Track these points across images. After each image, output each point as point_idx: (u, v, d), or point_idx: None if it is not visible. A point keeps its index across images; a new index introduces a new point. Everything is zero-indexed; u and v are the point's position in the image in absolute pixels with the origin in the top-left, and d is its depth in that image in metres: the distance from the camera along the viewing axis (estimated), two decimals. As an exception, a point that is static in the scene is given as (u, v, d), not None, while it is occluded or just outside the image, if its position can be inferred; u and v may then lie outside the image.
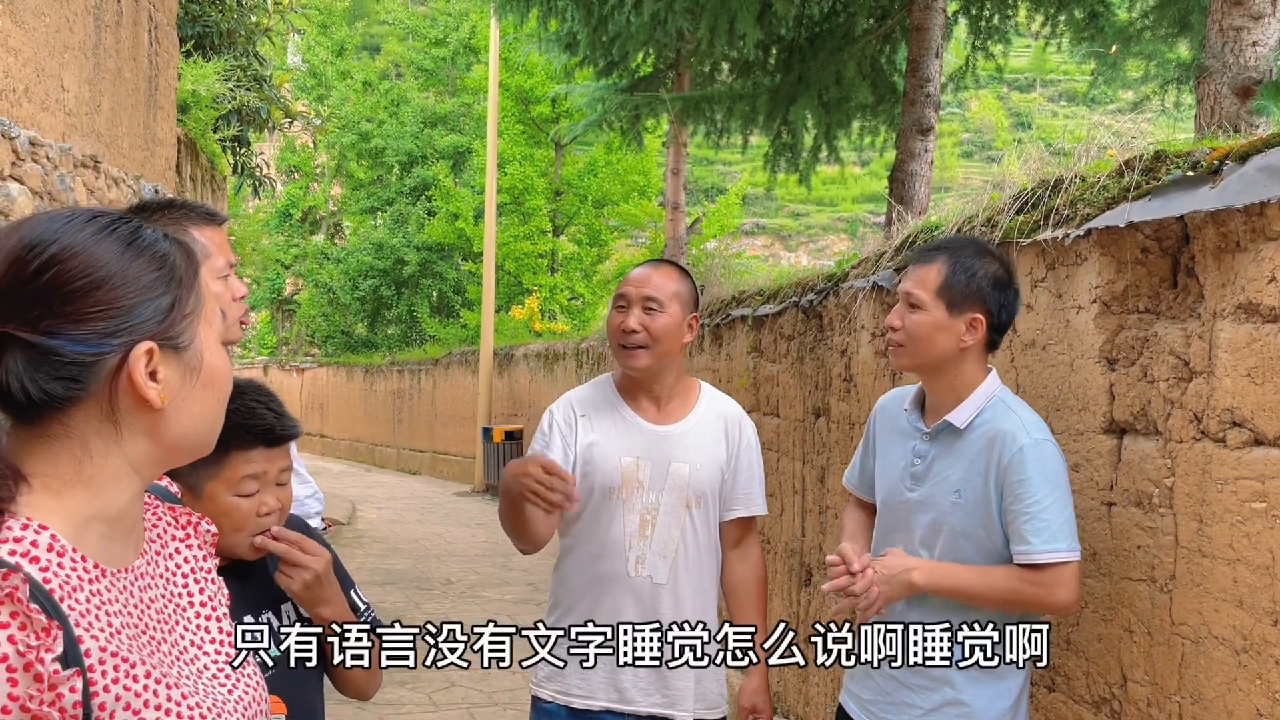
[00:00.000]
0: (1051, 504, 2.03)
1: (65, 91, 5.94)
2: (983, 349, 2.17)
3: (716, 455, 2.49)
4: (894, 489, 2.27)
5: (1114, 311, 2.31)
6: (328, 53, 27.15)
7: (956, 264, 2.14)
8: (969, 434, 2.14)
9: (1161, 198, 2.16)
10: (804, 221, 42.58)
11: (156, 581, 1.11)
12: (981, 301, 2.12)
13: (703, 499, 2.47)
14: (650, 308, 2.43)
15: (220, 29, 12.17)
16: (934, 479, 2.18)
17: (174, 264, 1.06)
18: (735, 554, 2.55)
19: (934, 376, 2.20)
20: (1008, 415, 2.12)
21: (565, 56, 11.33)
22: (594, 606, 2.45)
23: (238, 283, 2.02)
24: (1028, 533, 2.03)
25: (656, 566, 2.43)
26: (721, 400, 2.59)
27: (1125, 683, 2.25)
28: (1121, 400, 2.28)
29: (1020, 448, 2.05)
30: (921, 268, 2.18)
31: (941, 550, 2.15)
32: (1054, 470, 2.06)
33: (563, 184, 19.76)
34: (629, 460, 2.46)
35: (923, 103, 7.77)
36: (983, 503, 2.10)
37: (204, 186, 10.87)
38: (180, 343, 1.04)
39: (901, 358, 2.21)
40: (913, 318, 2.15)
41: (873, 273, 3.52)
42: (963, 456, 2.13)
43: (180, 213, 1.98)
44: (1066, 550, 2.02)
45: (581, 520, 2.50)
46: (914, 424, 2.26)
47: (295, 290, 28.44)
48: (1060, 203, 2.50)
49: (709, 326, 5.69)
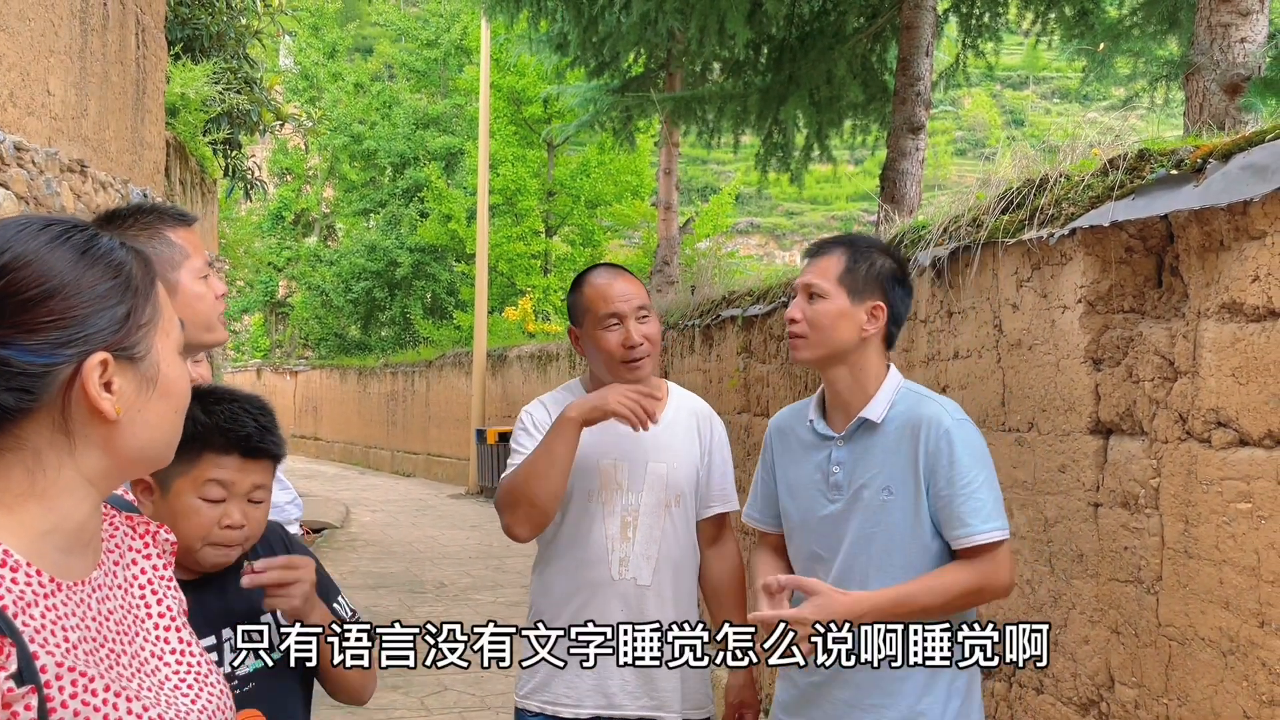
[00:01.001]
0: (984, 482, 2.00)
1: (51, 96, 5.91)
2: (881, 343, 2.15)
3: (691, 453, 2.49)
4: (810, 506, 2.17)
5: (1099, 311, 2.30)
6: (319, 55, 27.10)
7: (856, 253, 2.15)
8: (886, 427, 2.09)
9: (1145, 197, 2.15)
10: (798, 220, 42.59)
11: (115, 593, 1.10)
12: (882, 291, 2.12)
13: (681, 498, 2.46)
14: (643, 317, 2.45)
15: (210, 32, 12.13)
16: (858, 483, 2.10)
17: (130, 273, 1.04)
18: (713, 551, 2.53)
19: (837, 370, 2.14)
20: (924, 402, 2.10)
21: (556, 57, 11.32)
22: (579, 613, 2.43)
23: (218, 281, 2.00)
24: (966, 514, 1.99)
25: (640, 568, 2.42)
26: (690, 398, 2.59)
27: (1113, 684, 2.24)
28: (1107, 400, 2.27)
29: (945, 429, 2.02)
30: (820, 259, 2.17)
31: (879, 557, 2.06)
32: (980, 449, 2.04)
33: (555, 184, 19.74)
34: (606, 462, 2.45)
35: (913, 101, 7.76)
36: (913, 494, 2.05)
37: (193, 190, 10.83)
38: (136, 353, 1.02)
39: (803, 350, 2.16)
40: (814, 307, 2.13)
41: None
42: (885, 451, 2.08)
43: (153, 216, 1.96)
44: (1001, 528, 2.00)
45: (562, 526, 2.49)
46: (822, 432, 2.18)
47: (288, 293, 28.39)
48: (1045, 202, 2.49)
49: (699, 327, 5.68)
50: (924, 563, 2.04)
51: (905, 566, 2.04)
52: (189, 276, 1.92)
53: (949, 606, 1.99)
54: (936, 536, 2.04)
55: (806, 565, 2.17)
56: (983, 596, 2.03)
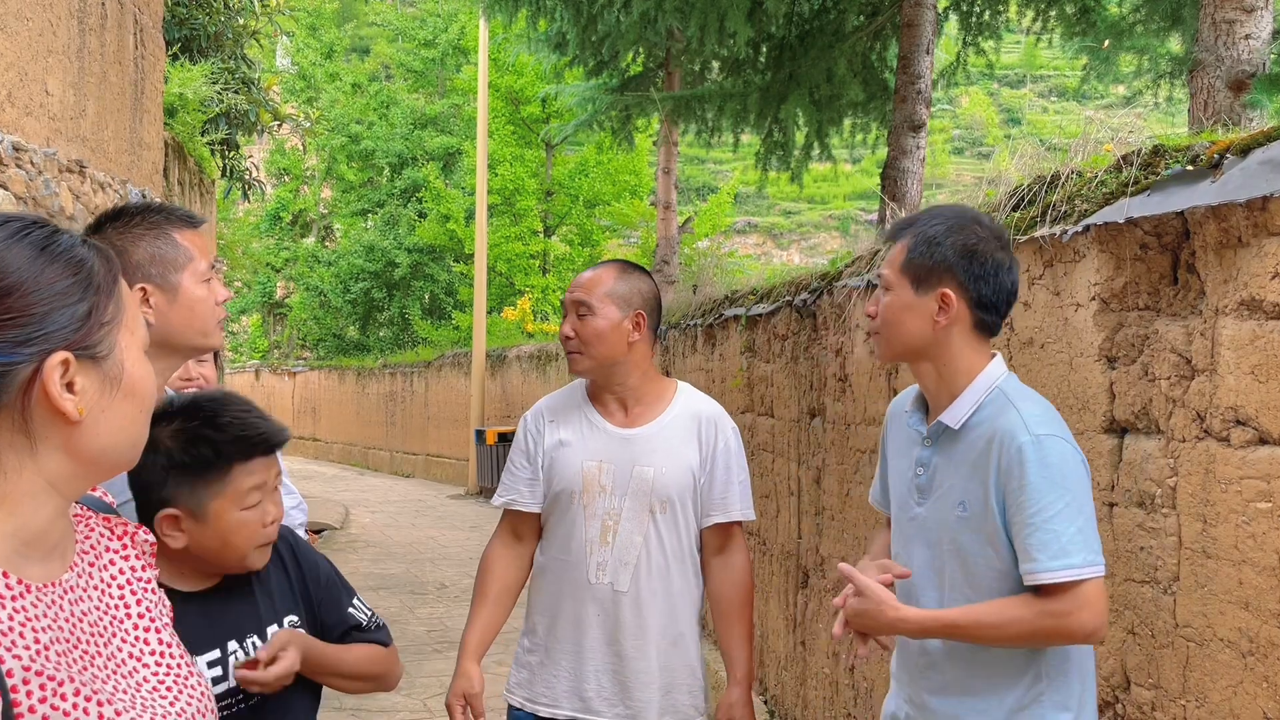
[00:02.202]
0: (1060, 511, 1.74)
1: (49, 96, 5.88)
2: (971, 332, 1.91)
3: (686, 458, 2.41)
4: (903, 504, 2.03)
5: (1113, 309, 2.28)
6: (317, 55, 27.05)
7: (919, 236, 1.92)
8: (966, 435, 1.88)
9: (1161, 193, 2.12)
10: (795, 220, 42.58)
11: (90, 594, 1.07)
12: (950, 273, 1.88)
13: (669, 504, 2.39)
14: (581, 312, 2.40)
15: (207, 32, 12.10)
16: (938, 491, 1.92)
17: (91, 270, 1.00)
18: (717, 562, 2.47)
19: (920, 367, 1.95)
20: (1006, 410, 1.84)
21: (555, 56, 11.29)
22: (558, 615, 2.42)
23: (220, 286, 1.98)
24: (1032, 547, 1.75)
25: (618, 574, 2.38)
26: (699, 401, 2.50)
27: (1129, 686, 2.22)
28: (1122, 399, 2.25)
29: (1019, 447, 1.77)
30: (892, 247, 1.99)
31: (952, 576, 1.88)
32: (1061, 470, 1.76)
33: (554, 184, 19.71)
34: (591, 464, 2.41)
35: (914, 99, 7.74)
36: (987, 516, 1.83)
37: (192, 190, 10.79)
38: (98, 352, 0.99)
39: (879, 348, 2.00)
40: (884, 301, 1.96)
41: (867, 270, 3.48)
42: (963, 463, 1.87)
43: (160, 216, 1.94)
44: (1081, 565, 1.73)
45: (549, 528, 2.48)
46: (915, 427, 2.01)
47: (286, 294, 28.34)
48: (1057, 199, 2.46)
49: (701, 326, 5.65)
50: (1003, 589, 1.83)
51: (976, 589, 1.85)
52: (191, 279, 1.90)
53: (1012, 642, 1.82)
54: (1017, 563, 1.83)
55: (899, 556, 2.06)
56: (1053, 640, 1.80)
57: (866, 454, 3.55)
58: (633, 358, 2.42)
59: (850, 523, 3.69)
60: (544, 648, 2.44)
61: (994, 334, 1.98)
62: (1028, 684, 1.86)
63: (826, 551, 3.92)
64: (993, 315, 1.93)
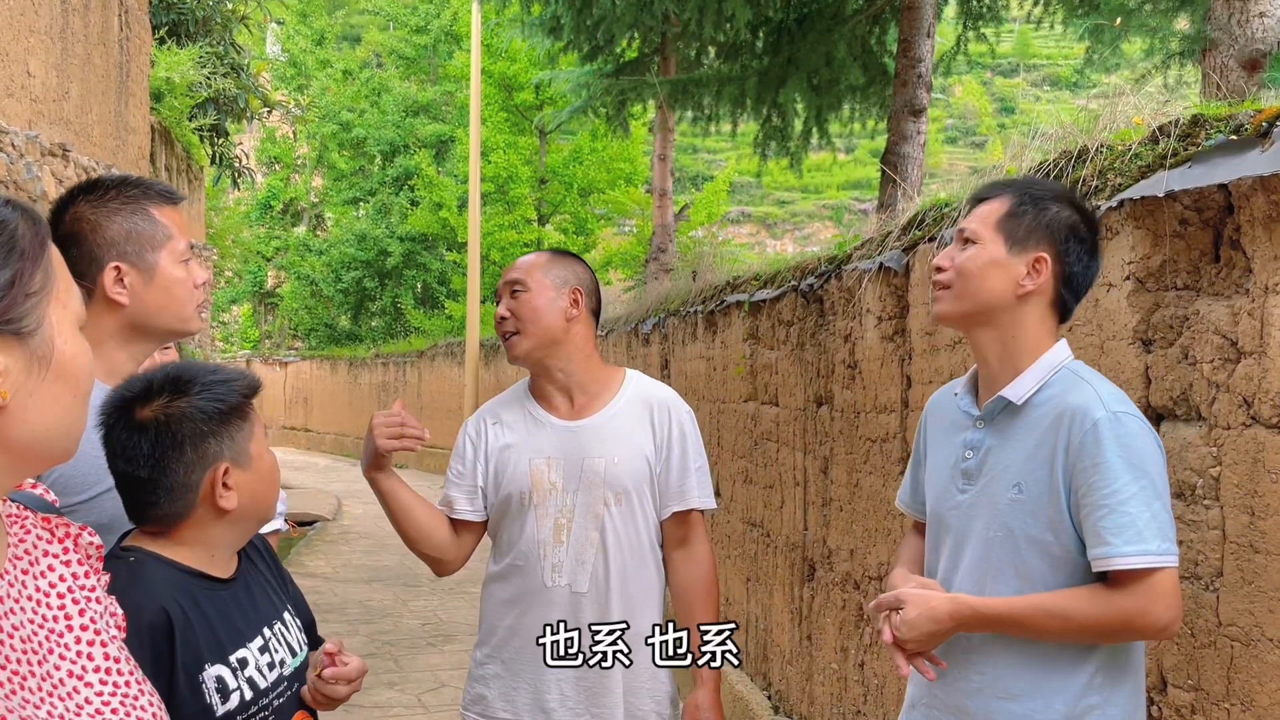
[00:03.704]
0: (1136, 493, 1.62)
1: (31, 77, 5.71)
2: (1049, 309, 1.80)
3: (640, 446, 2.30)
4: (943, 493, 1.90)
5: (1149, 289, 2.15)
6: (307, 42, 26.80)
7: (1025, 196, 1.80)
8: (1029, 413, 1.76)
9: (1203, 164, 1.99)
10: (789, 209, 42.47)
11: (23, 605, 0.95)
12: (1050, 240, 1.77)
13: (624, 495, 2.27)
14: (516, 290, 2.32)
15: (195, 16, 11.92)
16: (989, 473, 1.79)
17: (14, 233, 0.87)
18: (678, 554, 2.36)
19: (985, 334, 1.82)
20: (1078, 386, 1.72)
21: (549, 41, 11.13)
22: (518, 622, 2.29)
23: (199, 268, 1.84)
24: (1106, 531, 1.63)
25: (575, 574, 2.26)
26: (650, 386, 2.40)
27: (1165, 687, 2.10)
28: (1159, 384, 2.12)
29: (1094, 422, 1.66)
30: (984, 205, 1.85)
31: (1001, 565, 1.76)
32: (1140, 450, 1.65)
33: (548, 172, 19.54)
34: (539, 461, 2.30)
35: (914, 83, 7.60)
36: (1049, 499, 1.70)
37: (179, 175, 10.62)
38: (24, 327, 0.86)
39: (946, 302, 1.84)
40: (964, 253, 1.81)
41: (878, 253, 3.35)
42: (1023, 441, 1.75)
43: (138, 190, 1.80)
44: (1158, 553, 1.61)
45: (499, 531, 2.36)
46: (966, 409, 1.88)
47: (277, 283, 28.14)
48: (1088, 173, 2.33)
49: (702, 313, 5.52)
50: (1058, 580, 1.72)
51: (1030, 581, 1.73)
52: (169, 259, 1.77)
53: (1077, 637, 1.69)
54: (1081, 550, 1.70)
55: (930, 560, 1.93)
56: (1123, 635, 1.68)
57: (877, 443, 3.42)
58: (572, 339, 2.32)
59: (859, 514, 3.57)
60: (499, 659, 2.31)
61: (1066, 318, 1.87)
62: (1078, 692, 1.73)
63: (834, 544, 3.80)
64: (1074, 298, 1.83)
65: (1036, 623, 1.70)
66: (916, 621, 1.78)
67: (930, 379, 3.06)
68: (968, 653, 1.82)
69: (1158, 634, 1.67)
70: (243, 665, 1.52)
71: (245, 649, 1.54)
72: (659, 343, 6.70)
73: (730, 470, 5.17)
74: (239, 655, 1.53)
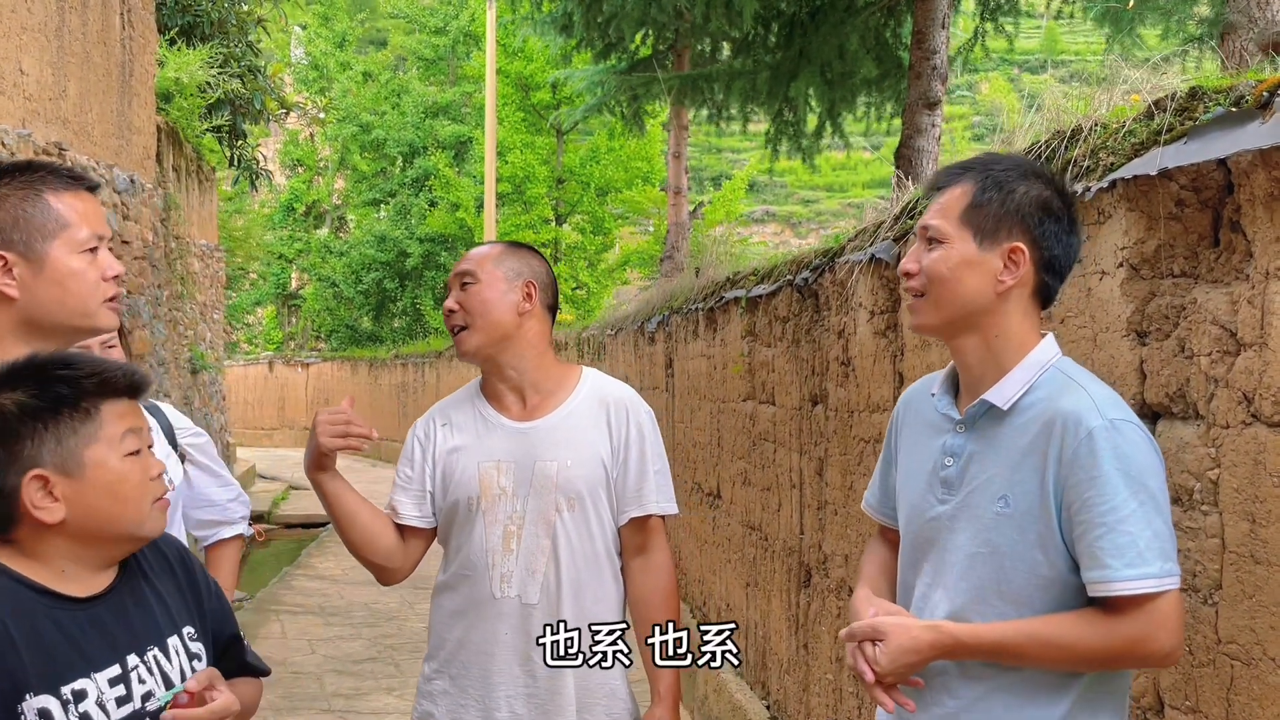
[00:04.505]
0: (1136, 510, 1.47)
1: (24, 75, 5.65)
2: (1031, 300, 1.64)
3: (595, 448, 2.18)
4: (919, 503, 1.72)
5: (1144, 276, 1.99)
6: (328, 44, 26.90)
7: (987, 180, 1.62)
8: (1015, 418, 1.60)
9: (1199, 139, 1.83)
10: (814, 208, 42.19)
11: None
12: (1022, 226, 1.60)
13: (578, 500, 2.15)
14: (465, 282, 2.20)
15: (210, 18, 11.90)
16: (972, 483, 1.63)
17: None
18: (636, 564, 2.23)
19: (966, 339, 1.65)
20: (1069, 390, 1.57)
21: (561, 39, 11.07)
22: (466, 634, 2.16)
23: (110, 258, 1.72)
24: (1104, 552, 1.48)
25: (525, 585, 2.13)
26: (608, 385, 2.27)
27: (1162, 709, 1.94)
28: (1154, 379, 1.96)
29: (1089, 432, 1.50)
30: (944, 193, 1.66)
31: (984, 585, 1.60)
32: (1139, 462, 1.50)
33: (565, 171, 19.44)
34: (488, 465, 2.17)
35: (929, 75, 7.42)
36: (1038, 514, 1.55)
37: (189, 177, 10.59)
38: None
39: (923, 313, 1.67)
40: (932, 255, 1.63)
41: (870, 244, 3.19)
42: (1009, 449, 1.59)
43: (35, 176, 1.68)
44: (1160, 576, 1.47)
45: (447, 539, 2.23)
46: (944, 411, 1.71)
47: (300, 285, 28.24)
48: (1079, 153, 2.17)
49: (703, 310, 5.37)
50: (1046, 602, 1.56)
51: (1018, 603, 1.57)
52: (63, 249, 1.64)
53: (1072, 666, 1.54)
54: (1073, 570, 1.54)
55: (906, 575, 1.77)
56: (1123, 663, 1.55)
57: (870, 444, 3.26)
58: (525, 335, 2.21)
59: (854, 517, 3.41)
60: (447, 674, 2.19)
61: (1050, 303, 1.69)
62: (1062, 717, 1.57)
63: (830, 549, 3.65)
64: (1057, 281, 1.67)
65: (1027, 652, 1.55)
66: (897, 654, 1.61)
67: (922, 376, 2.90)
68: (941, 674, 1.67)
69: (1161, 662, 1.55)
70: (78, 698, 1.36)
71: (88, 679, 1.38)
72: (663, 341, 6.56)
73: (730, 472, 5.02)
74: (75, 686, 1.37)
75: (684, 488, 6.16)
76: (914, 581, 1.75)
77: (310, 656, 6.66)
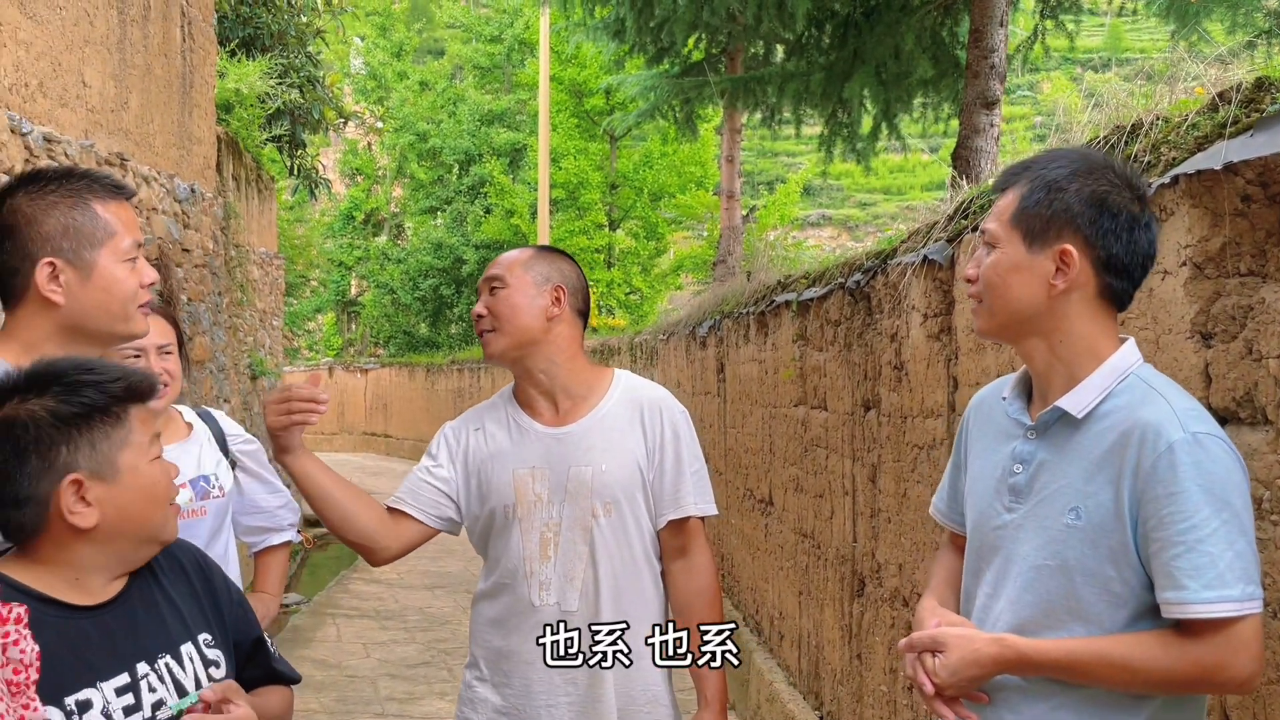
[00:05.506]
0: (1218, 529, 1.40)
1: (87, 87, 5.78)
2: (1095, 301, 1.56)
3: (631, 451, 2.14)
4: (986, 509, 1.66)
5: (1209, 275, 1.90)
6: (386, 55, 27.28)
7: (1037, 181, 1.57)
8: (1091, 426, 1.53)
9: (1267, 131, 1.74)
10: (871, 211, 41.77)
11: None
12: (1071, 226, 1.53)
13: (615, 505, 2.11)
14: (494, 287, 2.18)
15: (270, 30, 12.11)
16: (1041, 492, 1.57)
17: None
18: (677, 566, 2.19)
19: (1029, 343, 1.60)
20: (1150, 400, 1.50)
21: (614, 44, 11.08)
22: (505, 645, 2.14)
23: (147, 266, 1.74)
24: (1181, 572, 1.41)
25: (564, 592, 2.09)
26: (642, 387, 2.24)
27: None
28: (1220, 383, 1.87)
29: (1170, 445, 1.43)
30: (1003, 195, 1.63)
31: (1051, 599, 1.53)
32: (1223, 479, 1.43)
33: (618, 177, 19.46)
34: (523, 472, 2.14)
35: (987, 74, 7.29)
36: (1112, 528, 1.48)
37: (248, 186, 10.77)
38: None
39: (979, 318, 1.64)
40: (988, 259, 1.60)
41: (922, 246, 3.12)
42: (1083, 459, 1.52)
43: (82, 184, 1.70)
44: (1241, 599, 1.39)
45: (486, 546, 2.20)
46: (1015, 416, 1.65)
47: (360, 292, 28.65)
48: (1139, 149, 2.09)
49: (754, 314, 5.31)
50: (1116, 620, 1.49)
51: (1086, 620, 1.50)
52: (109, 257, 1.66)
53: (1142, 689, 1.47)
54: (1148, 588, 1.47)
55: (968, 582, 1.71)
56: (1196, 689, 1.47)
57: (924, 450, 3.19)
58: (554, 339, 2.18)
59: (908, 525, 3.33)
60: (489, 682, 2.17)
61: (1124, 305, 1.61)
62: None
63: (883, 557, 3.57)
64: (1124, 281, 1.57)
65: (1094, 672, 1.48)
66: (959, 668, 1.56)
67: (977, 380, 2.82)
68: (1003, 689, 1.60)
69: (1238, 689, 1.46)
70: (83, 708, 1.35)
71: (93, 689, 1.37)
72: (715, 345, 6.51)
73: (782, 478, 4.95)
74: (80, 696, 1.36)
75: (736, 494, 6.10)
76: (976, 590, 1.69)
77: (365, 660, 6.71)
